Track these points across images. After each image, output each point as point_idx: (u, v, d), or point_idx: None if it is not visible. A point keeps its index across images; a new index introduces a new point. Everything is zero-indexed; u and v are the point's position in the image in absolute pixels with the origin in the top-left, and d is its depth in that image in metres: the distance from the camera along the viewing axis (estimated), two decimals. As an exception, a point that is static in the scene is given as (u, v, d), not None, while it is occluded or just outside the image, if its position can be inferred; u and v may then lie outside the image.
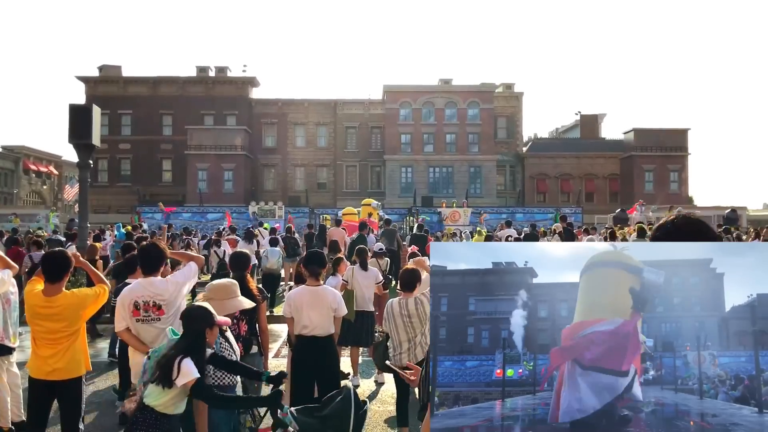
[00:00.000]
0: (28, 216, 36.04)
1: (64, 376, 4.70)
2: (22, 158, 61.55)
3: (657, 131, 51.34)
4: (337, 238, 16.09)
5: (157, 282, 4.94)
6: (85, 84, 51.32)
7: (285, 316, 5.68)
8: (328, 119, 52.27)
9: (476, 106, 50.10)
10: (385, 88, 50.28)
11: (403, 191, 47.71)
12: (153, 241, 5.98)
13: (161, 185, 50.98)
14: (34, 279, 4.93)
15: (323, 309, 5.56)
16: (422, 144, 50.09)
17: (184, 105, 50.90)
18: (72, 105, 11.55)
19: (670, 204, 34.96)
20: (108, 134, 47.07)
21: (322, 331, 5.54)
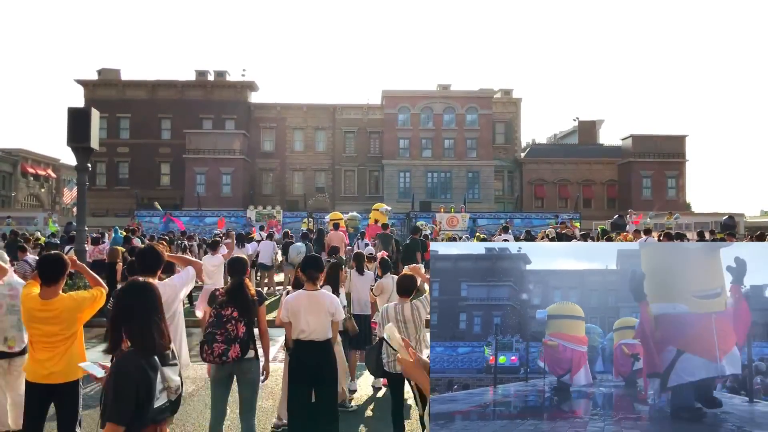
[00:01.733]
0: (25, 219, 35.92)
1: (61, 379, 4.67)
2: (21, 161, 61.48)
3: (655, 137, 51.50)
4: (336, 242, 16.06)
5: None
6: (84, 87, 51.34)
7: (282, 320, 5.66)
8: (327, 124, 52.33)
9: (474, 111, 50.21)
10: (383, 93, 50.38)
11: (401, 196, 47.72)
12: (151, 244, 5.96)
13: (159, 189, 50.93)
14: (31, 282, 4.89)
15: (321, 313, 5.54)
16: (420, 149, 50.17)
17: (182, 109, 50.93)
18: (71, 108, 11.53)
19: (668, 210, 35.01)
20: (106, 137, 47.10)
21: (319, 335, 5.52)
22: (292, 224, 30.15)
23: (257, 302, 5.47)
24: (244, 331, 5.31)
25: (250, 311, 5.35)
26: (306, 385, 5.48)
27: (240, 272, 5.74)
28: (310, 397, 5.45)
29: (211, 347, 5.14)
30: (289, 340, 5.69)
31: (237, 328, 5.25)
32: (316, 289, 5.68)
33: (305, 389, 5.48)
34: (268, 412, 7.01)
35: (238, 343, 5.20)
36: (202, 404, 7.22)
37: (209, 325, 5.31)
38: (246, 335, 5.33)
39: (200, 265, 5.76)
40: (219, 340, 5.14)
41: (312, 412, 5.39)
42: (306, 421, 5.39)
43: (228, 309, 5.28)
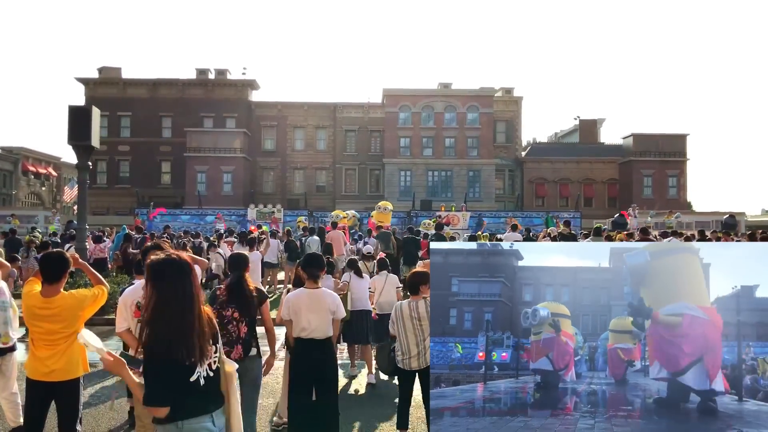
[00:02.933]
0: (26, 217, 35.92)
1: (62, 377, 4.68)
2: (21, 159, 61.52)
3: (656, 136, 51.43)
4: (334, 240, 16.08)
5: None
6: (85, 86, 51.32)
7: (283, 318, 5.67)
8: (328, 122, 52.29)
9: (475, 110, 50.16)
10: (384, 91, 50.32)
11: (402, 195, 47.69)
12: (155, 242, 5.97)
13: (160, 187, 50.92)
14: (32, 279, 4.90)
15: (322, 311, 5.54)
16: (421, 148, 50.13)
17: (183, 107, 50.91)
18: (71, 107, 11.54)
19: (669, 209, 34.96)
20: (107, 136, 47.05)
21: (320, 333, 5.52)
22: (292, 223, 30.13)
23: (258, 299, 5.48)
24: (246, 331, 5.33)
25: (250, 310, 5.36)
26: (307, 384, 5.48)
27: (239, 268, 5.75)
28: (310, 396, 5.46)
29: None
30: (290, 339, 5.71)
31: (239, 329, 5.27)
32: (317, 287, 5.69)
33: (306, 388, 5.48)
34: (268, 411, 7.03)
35: (241, 344, 5.22)
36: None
37: None
38: (248, 335, 5.34)
39: (205, 263, 5.77)
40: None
41: (313, 411, 5.39)
42: (307, 419, 5.40)
43: (228, 310, 5.29)
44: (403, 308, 5.74)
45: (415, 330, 5.62)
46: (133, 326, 4.85)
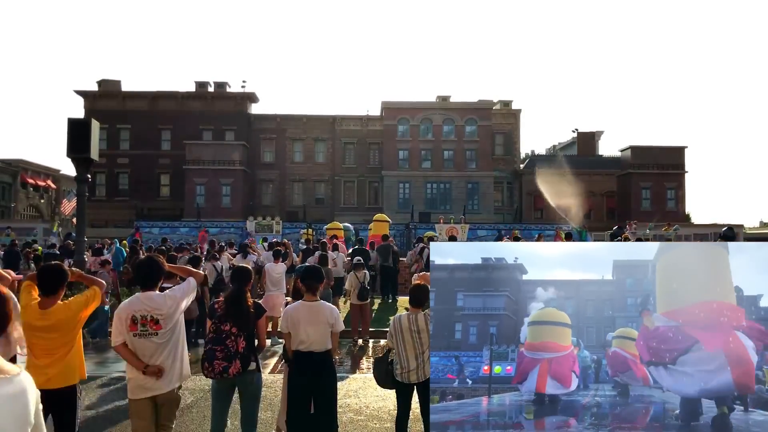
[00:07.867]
0: (25, 230, 35.86)
1: (60, 383, 4.66)
2: (20, 172, 61.50)
3: (654, 149, 51.56)
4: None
5: (155, 296, 4.91)
6: (84, 98, 51.48)
7: (282, 331, 5.66)
8: (327, 135, 52.46)
9: (474, 122, 50.37)
10: (383, 104, 50.55)
11: (400, 207, 47.76)
12: (151, 255, 5.95)
13: (159, 200, 50.95)
14: (28, 284, 4.89)
15: (320, 324, 5.53)
16: (420, 160, 50.26)
17: (182, 120, 51.03)
18: (71, 119, 11.54)
19: (667, 222, 34.98)
20: (106, 148, 47.14)
21: (319, 346, 5.51)
22: (291, 235, 30.11)
23: (255, 314, 5.46)
24: (245, 345, 5.31)
25: (247, 324, 5.35)
26: (305, 397, 5.47)
27: (240, 281, 5.74)
28: (309, 409, 5.43)
29: (211, 364, 5.16)
30: (289, 351, 5.69)
31: (237, 343, 5.25)
32: (315, 299, 5.68)
33: (305, 400, 5.46)
34: (267, 424, 6.99)
35: (239, 359, 5.20)
36: (201, 416, 7.20)
37: (208, 341, 5.34)
38: (246, 349, 5.32)
39: (201, 275, 5.74)
40: (219, 357, 5.17)
41: (311, 424, 5.37)
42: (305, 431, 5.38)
43: (227, 325, 5.29)
44: (402, 321, 5.71)
45: (414, 343, 5.61)
46: (128, 340, 4.83)
